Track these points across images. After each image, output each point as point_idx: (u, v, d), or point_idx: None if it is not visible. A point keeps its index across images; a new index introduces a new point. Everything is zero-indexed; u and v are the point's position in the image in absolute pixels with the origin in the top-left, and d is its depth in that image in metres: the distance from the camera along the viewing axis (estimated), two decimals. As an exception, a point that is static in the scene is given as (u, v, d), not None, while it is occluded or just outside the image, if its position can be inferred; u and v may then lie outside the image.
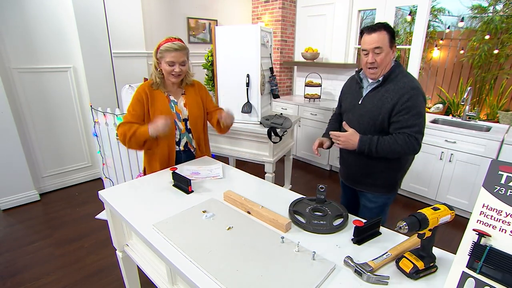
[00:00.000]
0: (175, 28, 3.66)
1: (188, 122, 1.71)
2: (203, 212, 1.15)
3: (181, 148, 1.73)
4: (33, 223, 2.57)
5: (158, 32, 3.51)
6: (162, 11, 3.52)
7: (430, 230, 0.82)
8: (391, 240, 1.04)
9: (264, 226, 1.09)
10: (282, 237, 0.99)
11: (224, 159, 2.54)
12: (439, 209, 0.84)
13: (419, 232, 0.82)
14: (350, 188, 1.67)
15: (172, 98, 1.68)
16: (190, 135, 1.74)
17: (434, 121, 3.01)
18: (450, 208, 0.86)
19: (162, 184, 1.42)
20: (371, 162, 1.47)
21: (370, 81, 1.46)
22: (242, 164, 3.53)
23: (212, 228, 1.05)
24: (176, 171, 1.40)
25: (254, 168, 2.74)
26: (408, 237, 1.02)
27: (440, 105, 4.78)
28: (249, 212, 1.16)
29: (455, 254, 0.94)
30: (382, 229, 1.12)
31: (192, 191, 1.33)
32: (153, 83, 1.62)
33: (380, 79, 1.40)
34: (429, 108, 4.91)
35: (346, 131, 1.46)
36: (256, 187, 1.46)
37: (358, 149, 1.41)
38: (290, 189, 1.47)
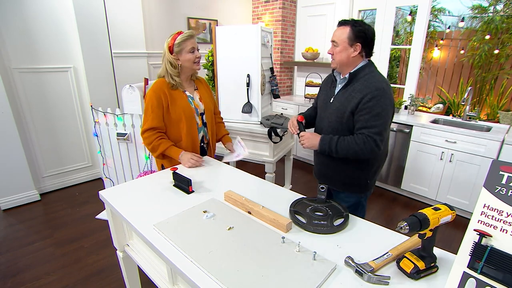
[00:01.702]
0: (176, 28, 3.66)
1: (204, 116, 1.76)
2: (204, 212, 1.14)
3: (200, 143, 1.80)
4: (33, 223, 2.57)
5: (158, 32, 3.52)
6: (162, 11, 3.52)
7: (431, 230, 0.82)
8: (391, 240, 1.04)
9: (264, 226, 1.09)
10: (283, 237, 0.99)
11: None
12: (440, 209, 0.84)
13: (420, 232, 0.82)
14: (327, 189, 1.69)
15: (188, 94, 1.69)
16: (206, 129, 1.80)
17: (435, 121, 3.01)
18: (451, 208, 0.86)
19: (162, 184, 1.42)
20: (339, 162, 1.48)
21: (340, 79, 1.48)
22: (242, 164, 3.53)
23: (212, 228, 1.05)
24: (177, 171, 1.40)
25: (255, 168, 2.74)
26: (408, 237, 1.02)
27: (441, 105, 4.78)
28: (249, 212, 1.16)
29: (456, 254, 0.94)
30: (382, 228, 1.12)
31: (193, 191, 1.33)
32: (172, 84, 1.60)
33: (347, 76, 1.41)
34: (430, 108, 4.91)
35: (323, 129, 1.51)
36: (256, 187, 1.46)
37: (319, 149, 1.44)
38: (290, 189, 1.47)
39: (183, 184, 1.32)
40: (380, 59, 3.66)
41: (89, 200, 2.95)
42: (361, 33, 1.35)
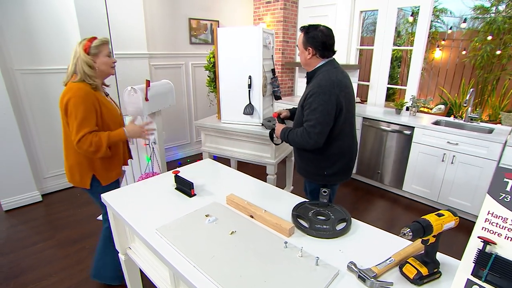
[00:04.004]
0: (177, 28, 3.66)
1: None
2: (206, 216, 1.14)
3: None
4: (35, 224, 2.57)
5: (160, 33, 3.52)
6: (164, 12, 3.51)
7: (434, 236, 0.82)
8: (393, 245, 1.04)
9: (267, 230, 1.09)
10: (286, 242, 0.99)
11: (226, 161, 2.54)
12: (443, 215, 0.84)
13: (423, 238, 0.82)
14: None
15: (107, 98, 1.70)
16: None
17: (436, 123, 3.00)
18: (454, 214, 0.85)
19: (164, 187, 1.42)
20: (302, 152, 1.70)
21: (306, 77, 1.68)
22: (243, 165, 3.53)
23: (215, 233, 1.05)
24: (179, 174, 1.40)
25: (256, 169, 2.74)
26: (411, 242, 1.02)
27: (442, 106, 4.77)
28: (252, 216, 1.16)
29: (458, 257, 0.94)
30: (384, 233, 1.12)
31: (195, 195, 1.33)
32: (95, 86, 1.53)
33: (305, 76, 1.66)
34: (431, 109, 4.90)
35: (294, 120, 1.75)
36: (258, 190, 1.46)
37: (280, 138, 1.73)
38: (291, 191, 1.47)
39: (185, 188, 1.32)
40: (382, 60, 3.65)
41: (91, 201, 2.95)
42: (311, 38, 1.53)
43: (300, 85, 4.42)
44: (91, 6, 2.82)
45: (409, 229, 0.78)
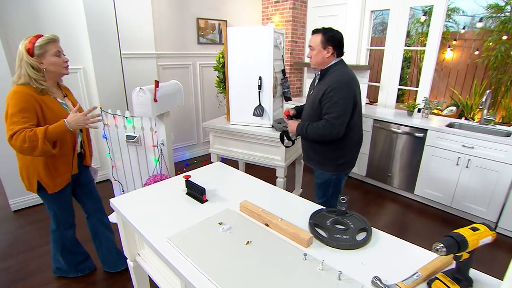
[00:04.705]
0: (185, 28, 3.63)
1: None
2: (220, 224, 1.10)
3: (78, 149, 1.72)
4: (42, 225, 2.56)
5: (168, 33, 3.48)
6: (172, 12, 3.48)
7: (468, 252, 0.76)
8: (418, 257, 0.98)
9: (284, 240, 1.03)
10: (305, 254, 0.94)
11: (233, 162, 2.49)
12: (478, 229, 0.78)
13: (456, 254, 0.76)
14: (312, 172, 2.00)
15: (60, 100, 1.58)
16: (82, 134, 1.76)
17: (450, 125, 2.92)
18: (491, 228, 0.79)
19: (175, 193, 1.38)
20: (315, 144, 1.81)
21: (317, 75, 1.80)
22: (251, 167, 3.48)
23: (229, 242, 1.00)
24: (190, 179, 1.35)
25: (264, 172, 2.68)
26: (437, 255, 0.96)
27: (454, 108, 4.66)
28: (267, 225, 1.11)
29: (492, 274, 0.87)
30: (406, 243, 1.06)
31: (207, 200, 1.29)
32: (40, 89, 1.43)
33: (319, 73, 1.76)
34: (442, 111, 4.79)
35: (304, 116, 1.87)
36: (272, 196, 1.41)
37: (296, 133, 1.83)
38: (300, 194, 1.42)
39: (197, 193, 1.28)
40: (393, 61, 3.58)
41: (98, 202, 2.93)
42: (332, 38, 1.67)
43: (309, 86, 4.36)
44: (99, 6, 2.80)
45: (442, 245, 0.72)
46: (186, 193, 1.35)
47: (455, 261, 0.80)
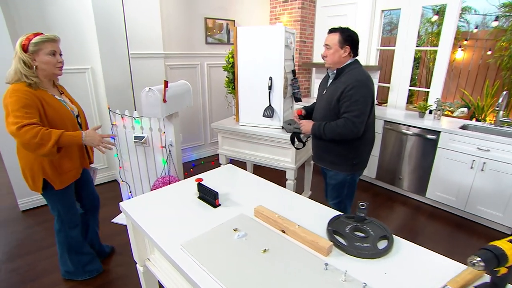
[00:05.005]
0: (193, 28, 3.60)
1: (79, 118, 1.72)
2: (234, 230, 1.05)
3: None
4: (50, 225, 2.54)
5: (176, 33, 3.46)
6: (180, 11, 3.46)
7: (507, 267, 0.71)
8: (445, 268, 0.93)
9: (302, 248, 0.99)
10: (326, 264, 0.89)
11: (242, 164, 2.45)
12: (516, 241, 0.72)
13: (494, 269, 0.71)
14: (324, 173, 1.99)
15: (57, 97, 1.58)
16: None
17: (464, 127, 2.84)
18: (529, 240, 0.74)
19: (186, 196, 1.34)
20: (329, 143, 1.77)
21: (331, 74, 1.78)
22: (258, 168, 3.44)
23: (245, 250, 0.96)
24: (202, 182, 1.31)
25: (272, 173, 2.64)
26: (466, 267, 0.91)
27: (465, 109, 4.56)
28: (283, 231, 1.07)
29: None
30: (430, 253, 1.01)
31: (219, 205, 1.25)
32: (30, 83, 1.42)
33: (335, 71, 1.73)
34: (452, 112, 4.70)
35: (317, 116, 1.86)
36: (286, 200, 1.36)
37: (312, 133, 1.79)
38: (309, 196, 1.38)
39: (209, 197, 1.24)
40: (404, 61, 3.51)
41: (105, 203, 2.91)
42: (349, 37, 1.67)
43: (317, 86, 4.29)
44: (108, 6, 2.78)
45: (479, 259, 0.67)
46: (198, 197, 1.32)
47: (490, 275, 0.75)
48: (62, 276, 1.95)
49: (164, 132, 2.33)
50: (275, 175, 2.57)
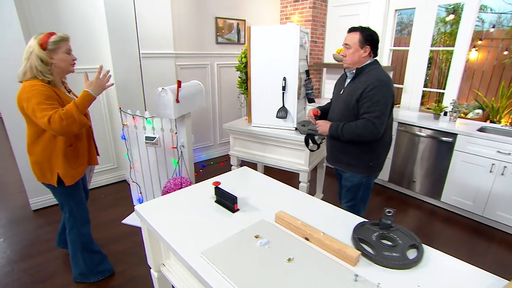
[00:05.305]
0: (203, 28, 3.57)
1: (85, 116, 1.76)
2: (256, 237, 1.01)
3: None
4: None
5: (186, 32, 3.44)
6: (191, 11, 3.43)
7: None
8: (484, 282, 0.87)
9: (328, 257, 0.94)
10: (356, 275, 0.84)
11: (252, 165, 2.40)
12: None
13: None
14: (338, 174, 1.96)
15: (69, 95, 1.66)
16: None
17: (482, 130, 2.76)
18: None
19: (202, 200, 1.30)
20: (345, 144, 1.72)
21: (350, 73, 1.73)
22: (267, 170, 3.39)
23: (269, 259, 0.91)
24: (219, 185, 1.27)
25: (283, 175, 2.59)
26: (508, 282, 0.85)
27: (480, 111, 4.46)
28: (307, 239, 1.02)
29: None
30: (465, 264, 0.95)
31: (238, 210, 1.20)
32: (48, 81, 1.48)
33: (353, 71, 1.69)
34: (466, 114, 4.59)
35: (333, 116, 1.81)
36: (307, 206, 1.31)
37: (329, 133, 1.74)
38: (322, 199, 1.33)
39: (228, 202, 1.20)
40: (418, 62, 3.43)
41: (115, 203, 2.91)
42: (370, 37, 1.63)
43: (328, 87, 4.24)
44: (120, 5, 2.77)
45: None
46: (215, 201, 1.27)
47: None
48: (74, 279, 1.92)
49: (176, 133, 2.30)
50: (285, 177, 2.52)
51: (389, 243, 1.02)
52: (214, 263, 0.89)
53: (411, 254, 0.98)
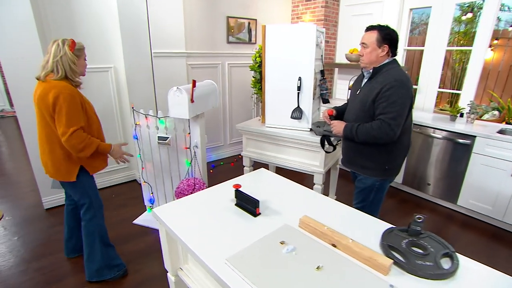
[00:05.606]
0: (215, 27, 3.55)
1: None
2: (281, 243, 0.97)
3: None
4: (73, 226, 2.53)
5: (198, 32, 3.42)
6: (203, 10, 3.41)
7: None
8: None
9: (358, 265, 0.90)
10: (391, 285, 0.80)
11: (264, 166, 2.36)
12: None
13: None
14: (354, 177, 1.90)
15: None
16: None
17: (501, 132, 2.67)
18: None
19: (222, 203, 1.27)
20: (360, 145, 1.68)
21: (366, 73, 1.69)
22: (279, 171, 3.35)
23: (297, 267, 0.88)
24: (240, 188, 1.24)
25: (295, 176, 2.53)
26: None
27: (496, 112, 4.34)
28: (334, 245, 0.98)
29: None
30: (504, 276, 0.90)
31: (260, 214, 1.17)
32: (77, 83, 1.64)
33: (370, 71, 1.64)
34: (481, 116, 4.48)
35: (349, 117, 1.76)
36: (329, 209, 1.27)
37: (343, 134, 1.69)
38: (335, 200, 1.29)
39: (249, 205, 1.16)
40: (434, 62, 3.35)
41: (126, 203, 2.90)
42: (388, 36, 1.57)
43: (340, 87, 4.17)
44: (132, 5, 2.76)
45: None
46: (235, 204, 1.24)
47: None
48: (89, 280, 1.90)
49: (189, 133, 2.28)
50: (296, 178, 2.48)
51: (420, 251, 0.97)
52: (240, 271, 0.85)
53: (445, 263, 0.93)
